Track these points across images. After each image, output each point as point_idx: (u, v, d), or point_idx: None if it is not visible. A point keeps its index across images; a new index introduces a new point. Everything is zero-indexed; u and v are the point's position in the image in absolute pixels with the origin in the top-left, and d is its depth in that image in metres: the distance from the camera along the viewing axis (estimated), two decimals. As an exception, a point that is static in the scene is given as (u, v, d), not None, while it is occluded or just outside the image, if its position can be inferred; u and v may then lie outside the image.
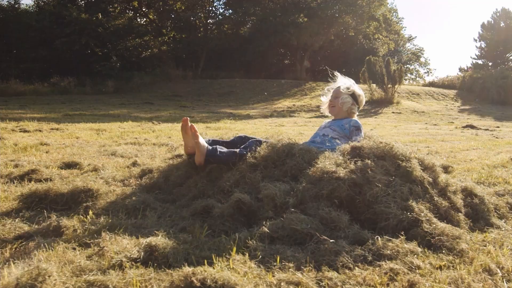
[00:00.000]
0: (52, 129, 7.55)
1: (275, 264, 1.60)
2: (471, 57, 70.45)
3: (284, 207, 2.10)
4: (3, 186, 2.73)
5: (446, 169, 3.92)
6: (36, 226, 1.94)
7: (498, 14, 39.49)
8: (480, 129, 12.29)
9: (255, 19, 31.40)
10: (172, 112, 15.76)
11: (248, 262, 1.59)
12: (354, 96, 3.30)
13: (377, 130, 10.77)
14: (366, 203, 2.09)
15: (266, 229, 1.87)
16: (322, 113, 3.54)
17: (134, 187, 2.71)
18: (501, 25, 39.05)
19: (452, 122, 15.55)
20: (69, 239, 1.81)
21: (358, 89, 3.34)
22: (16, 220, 2.01)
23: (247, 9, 29.94)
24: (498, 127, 13.45)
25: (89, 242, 1.79)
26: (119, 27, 27.33)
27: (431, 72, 52.41)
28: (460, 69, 41.06)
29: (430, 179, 2.42)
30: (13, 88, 20.87)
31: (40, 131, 7.08)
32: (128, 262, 1.52)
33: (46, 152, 4.54)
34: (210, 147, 2.76)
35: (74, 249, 1.71)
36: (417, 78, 41.94)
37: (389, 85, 21.80)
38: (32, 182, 2.85)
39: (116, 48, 27.36)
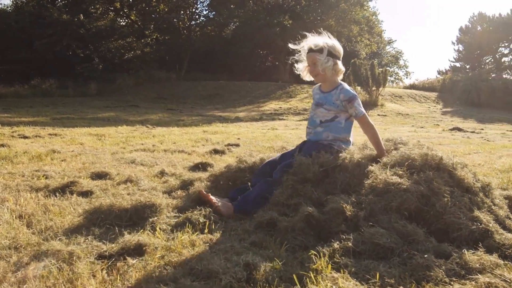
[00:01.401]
0: (50, 134, 7.37)
1: (374, 280, 1.61)
2: (449, 60, 72.34)
3: (355, 220, 2.11)
4: (47, 199, 2.65)
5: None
6: (113, 245, 1.88)
7: (475, 18, 40.62)
8: (467, 131, 12.57)
9: (238, 22, 31.39)
10: (161, 116, 15.61)
11: (351, 279, 1.59)
12: (331, 53, 2.93)
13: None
14: (435, 214, 2.12)
15: (350, 244, 1.87)
16: (303, 78, 3.17)
17: (184, 199, 2.67)
18: (478, 28, 40.17)
19: (437, 125, 15.86)
20: (153, 258, 1.77)
21: (329, 41, 2.96)
22: (89, 238, 1.95)
23: (231, 11, 29.90)
24: (482, 129, 13.80)
25: (174, 260, 1.75)
26: (101, 28, 26.87)
27: (409, 75, 53.46)
28: (439, 72, 42.07)
29: (479, 185, 2.48)
30: (-7, 90, 20.34)
31: (40, 137, 6.90)
32: (236, 282, 1.50)
33: (63, 160, 4.43)
34: (235, 203, 2.59)
35: (165, 268, 1.67)
36: (396, 80, 42.71)
37: (374, 88, 22.13)
38: (75, 195, 2.78)
39: (98, 49, 26.86)
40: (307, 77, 3.11)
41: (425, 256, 1.76)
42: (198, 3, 32.99)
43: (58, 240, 1.89)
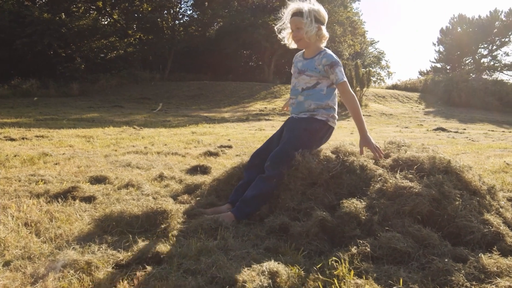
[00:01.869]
0: (37, 136, 7.21)
1: (398, 286, 1.61)
2: (430, 61, 73.75)
3: (369, 225, 2.11)
4: (50, 206, 2.58)
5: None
6: (129, 253, 1.84)
7: (455, 19, 41.41)
8: (451, 131, 12.79)
9: (222, 22, 31.29)
10: (147, 116, 15.44)
11: (376, 285, 1.59)
12: (315, 18, 2.83)
13: (356, 135, 11.01)
14: (447, 218, 2.14)
15: (368, 249, 1.87)
16: (288, 46, 3.04)
17: (193, 204, 2.64)
18: (458, 30, 40.95)
19: (421, 125, 16.10)
20: (172, 266, 1.74)
21: (314, 6, 2.86)
22: (103, 246, 1.90)
23: (216, 11, 29.76)
24: (465, 129, 14.08)
25: (192, 268, 1.73)
26: (83, 27, 26.37)
27: (391, 75, 54.26)
28: (420, 72, 42.79)
29: (485, 187, 2.52)
30: (-29, 91, 19.82)
31: (27, 139, 6.74)
32: (263, 291, 1.49)
33: (56, 164, 4.33)
34: (235, 209, 2.55)
35: (186, 277, 1.64)
36: (379, 81, 43.24)
37: (358, 88, 22.34)
38: (77, 201, 2.72)
39: (80, 49, 26.43)
40: (292, 44, 3.00)
41: (445, 260, 1.77)
42: (182, 2, 32.80)
43: (72, 249, 1.84)
